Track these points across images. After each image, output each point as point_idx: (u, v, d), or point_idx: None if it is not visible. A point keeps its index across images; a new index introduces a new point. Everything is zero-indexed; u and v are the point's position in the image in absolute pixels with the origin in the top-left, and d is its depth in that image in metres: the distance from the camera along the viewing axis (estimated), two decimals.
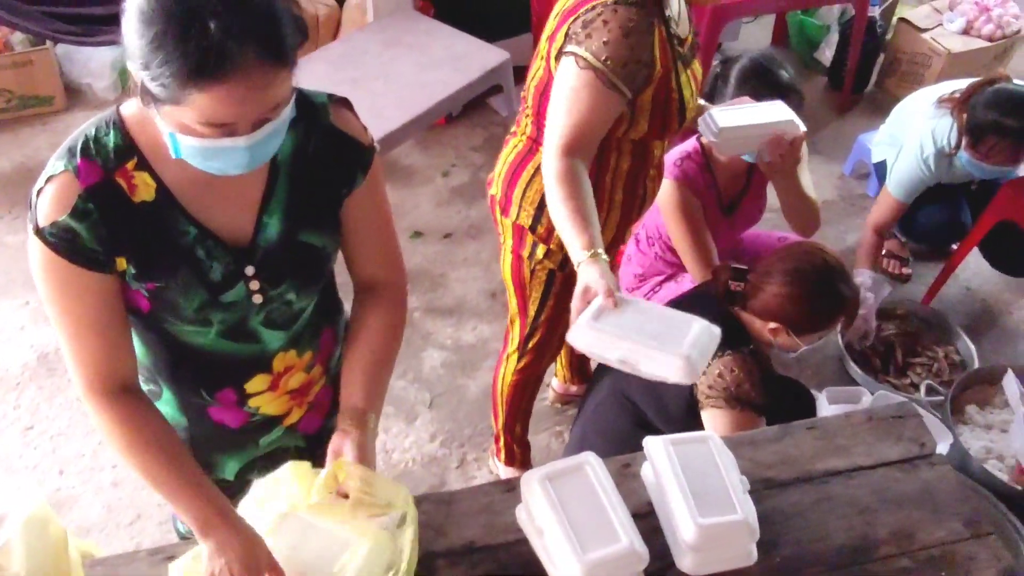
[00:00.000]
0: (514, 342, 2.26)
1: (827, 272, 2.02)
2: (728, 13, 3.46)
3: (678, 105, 1.79)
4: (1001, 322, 3.20)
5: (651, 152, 1.90)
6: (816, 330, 2.04)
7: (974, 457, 2.45)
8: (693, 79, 1.84)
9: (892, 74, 4.09)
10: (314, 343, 1.51)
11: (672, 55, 1.74)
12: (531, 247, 2.01)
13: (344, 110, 1.37)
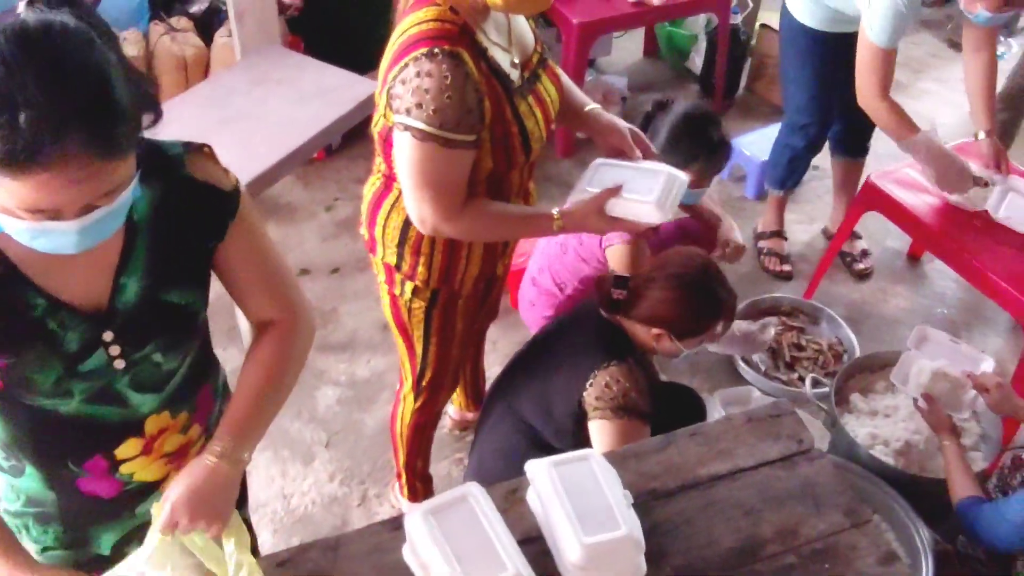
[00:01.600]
0: (408, 382, 2.24)
1: (706, 276, 2.07)
2: (594, 29, 3.52)
3: (520, 137, 1.76)
4: (879, 310, 3.32)
5: (508, 183, 1.87)
6: (697, 334, 2.08)
7: (861, 444, 2.52)
8: (538, 104, 1.81)
9: (760, 78, 4.23)
10: (189, 402, 1.46)
11: (501, 88, 1.71)
12: (401, 285, 2.00)
13: (201, 158, 1.31)
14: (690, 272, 2.05)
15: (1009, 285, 2.57)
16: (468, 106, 1.63)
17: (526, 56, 1.81)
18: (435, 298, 2.00)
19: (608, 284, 2.10)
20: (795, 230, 3.58)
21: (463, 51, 1.63)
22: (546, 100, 1.84)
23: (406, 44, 1.65)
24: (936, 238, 2.81)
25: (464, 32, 1.66)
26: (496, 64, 1.71)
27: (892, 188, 2.87)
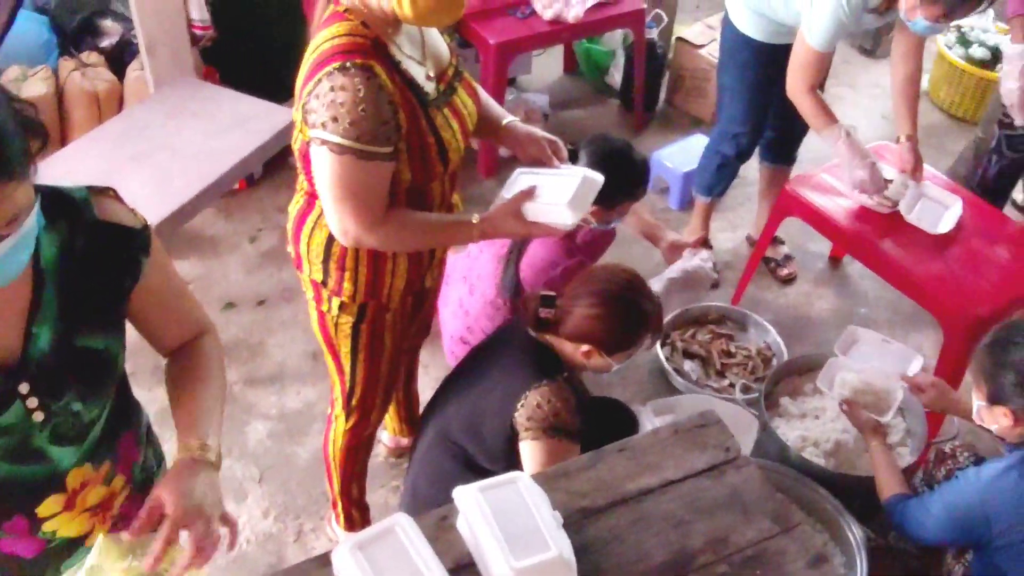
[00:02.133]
0: (338, 403, 2.22)
1: (631, 290, 2.08)
2: (512, 49, 3.54)
3: (437, 148, 1.78)
4: (804, 313, 3.38)
5: (430, 195, 1.89)
6: (626, 348, 2.09)
7: (792, 447, 2.56)
8: (455, 116, 1.83)
9: (679, 90, 4.29)
10: (112, 452, 1.41)
11: (416, 100, 1.74)
12: (328, 301, 2.00)
13: (108, 200, 1.29)
14: (615, 287, 2.06)
15: (923, 283, 2.64)
16: (383, 118, 1.66)
17: (441, 69, 1.84)
18: (362, 313, 2.01)
19: (535, 303, 2.10)
20: (720, 238, 3.63)
21: (376, 64, 1.65)
22: (463, 112, 1.87)
23: (319, 60, 1.66)
24: (853, 241, 2.87)
25: (376, 46, 1.68)
26: (410, 77, 1.74)
27: (809, 194, 2.93)
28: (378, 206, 1.75)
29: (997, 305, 2.58)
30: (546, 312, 2.08)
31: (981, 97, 4.28)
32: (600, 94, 4.40)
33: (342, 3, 1.71)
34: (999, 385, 1.87)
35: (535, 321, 2.10)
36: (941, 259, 2.71)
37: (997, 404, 1.88)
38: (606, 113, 4.28)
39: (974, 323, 2.54)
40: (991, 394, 1.89)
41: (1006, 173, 3.18)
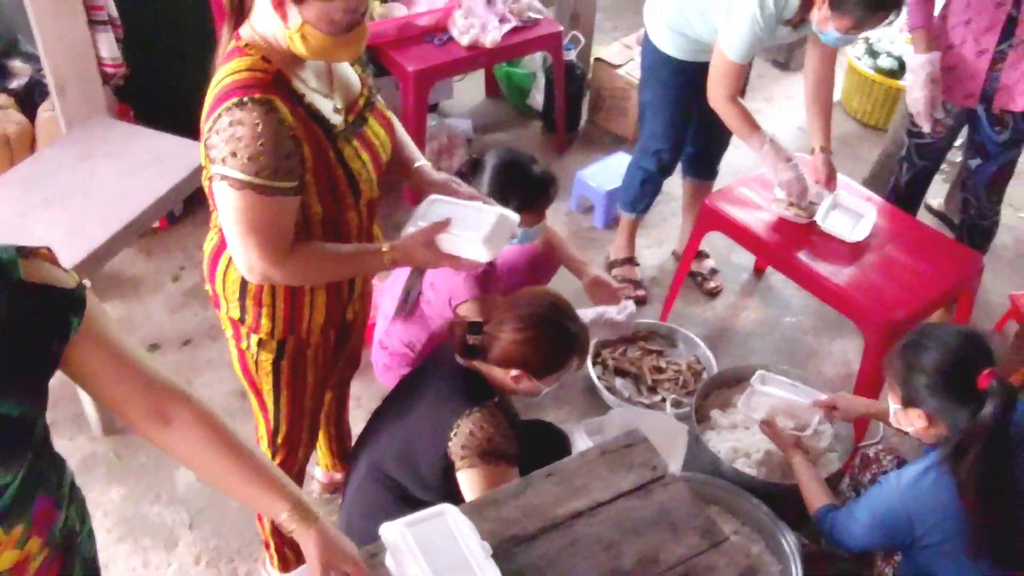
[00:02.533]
0: (264, 440, 2.18)
1: (556, 313, 2.10)
2: (431, 76, 3.54)
3: (347, 180, 1.77)
4: (732, 325, 3.43)
5: (346, 226, 1.87)
6: (554, 371, 2.10)
7: (724, 459, 2.59)
8: (365, 148, 1.83)
9: (600, 109, 4.34)
10: (25, 516, 1.35)
11: (322, 133, 1.73)
12: (247, 338, 1.97)
13: (38, 260, 1.23)
14: (540, 311, 2.08)
15: (841, 290, 2.70)
16: (283, 152, 1.64)
17: (351, 100, 1.83)
18: (282, 349, 1.98)
19: (462, 330, 2.11)
20: (645, 255, 3.67)
21: (275, 99, 1.64)
22: (374, 143, 1.86)
23: (219, 95, 1.65)
24: (772, 253, 2.93)
25: (278, 80, 1.67)
26: (315, 110, 1.73)
27: (728, 208, 2.98)
28: (283, 241, 1.73)
29: (913, 309, 2.65)
30: (473, 339, 2.08)
31: (891, 106, 4.41)
32: (523, 116, 4.43)
33: (243, 38, 1.70)
34: (912, 388, 1.92)
35: (463, 348, 2.10)
36: (858, 266, 2.78)
37: (911, 407, 1.93)
38: (529, 135, 4.31)
39: (892, 327, 2.60)
40: (905, 397, 1.94)
41: (917, 180, 3.27)
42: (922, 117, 2.98)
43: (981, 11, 2.81)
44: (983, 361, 1.85)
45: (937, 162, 3.24)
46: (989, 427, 1.79)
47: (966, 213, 3.26)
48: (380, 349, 2.71)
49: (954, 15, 2.89)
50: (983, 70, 2.89)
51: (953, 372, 1.86)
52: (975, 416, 1.82)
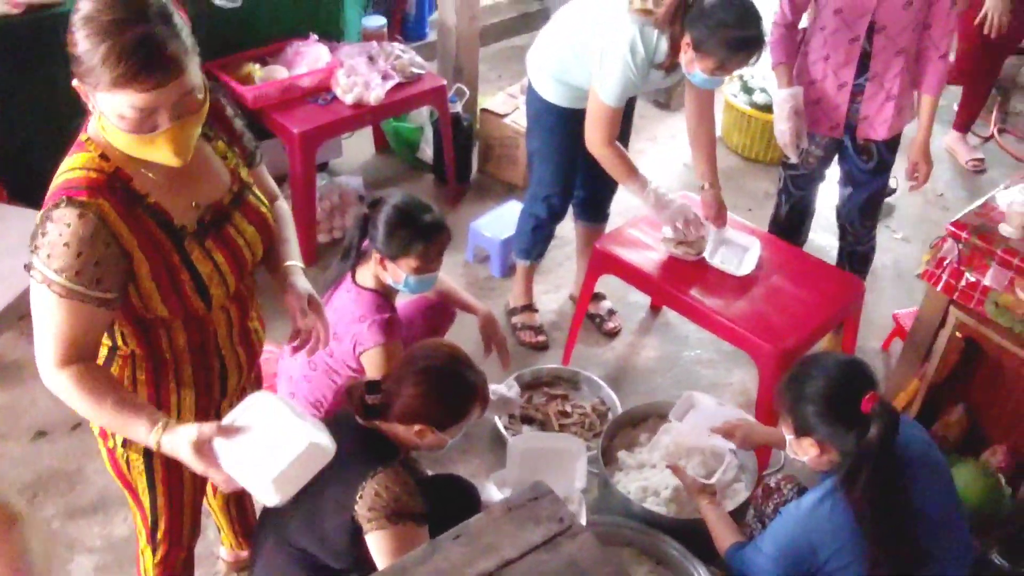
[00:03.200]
0: (143, 536, 2.07)
1: (454, 364, 2.11)
2: (317, 136, 3.52)
3: (193, 284, 1.67)
4: (633, 364, 3.47)
5: (211, 323, 1.78)
6: (457, 421, 2.10)
7: (633, 500, 2.61)
8: (220, 248, 1.72)
9: (489, 159, 4.39)
10: None
11: (166, 235, 1.64)
12: (113, 437, 1.87)
13: None
14: (438, 363, 2.08)
15: (733, 324, 2.77)
16: (93, 260, 1.55)
17: (214, 196, 1.73)
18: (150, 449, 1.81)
19: (360, 391, 2.09)
20: (544, 300, 3.70)
21: (104, 202, 1.55)
22: (236, 241, 1.76)
23: (51, 192, 1.58)
24: (664, 291, 2.99)
25: (114, 180, 1.58)
26: (160, 210, 1.63)
27: (619, 250, 3.03)
28: (69, 348, 1.60)
29: (802, 337, 2.74)
30: (372, 398, 2.07)
31: (770, 139, 4.58)
32: (414, 169, 4.43)
33: (87, 131, 1.62)
34: (801, 417, 1.98)
35: (362, 408, 2.07)
36: (747, 299, 2.86)
37: (803, 436, 1.99)
38: (421, 188, 4.32)
39: (783, 356, 2.68)
40: (796, 427, 2.00)
41: (796, 211, 3.39)
42: (788, 149, 3.10)
43: (837, 47, 2.95)
44: (865, 385, 1.92)
45: (813, 192, 3.37)
46: (875, 449, 1.86)
47: (844, 240, 3.40)
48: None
49: (813, 51, 3.03)
50: (844, 103, 3.03)
51: (837, 398, 1.93)
52: (860, 439, 1.88)
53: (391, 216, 2.44)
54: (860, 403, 1.89)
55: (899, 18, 2.85)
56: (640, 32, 2.71)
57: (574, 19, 2.96)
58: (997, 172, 4.71)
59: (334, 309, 2.50)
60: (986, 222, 2.72)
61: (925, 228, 4.28)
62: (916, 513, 1.93)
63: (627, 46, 2.71)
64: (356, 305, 2.47)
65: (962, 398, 2.95)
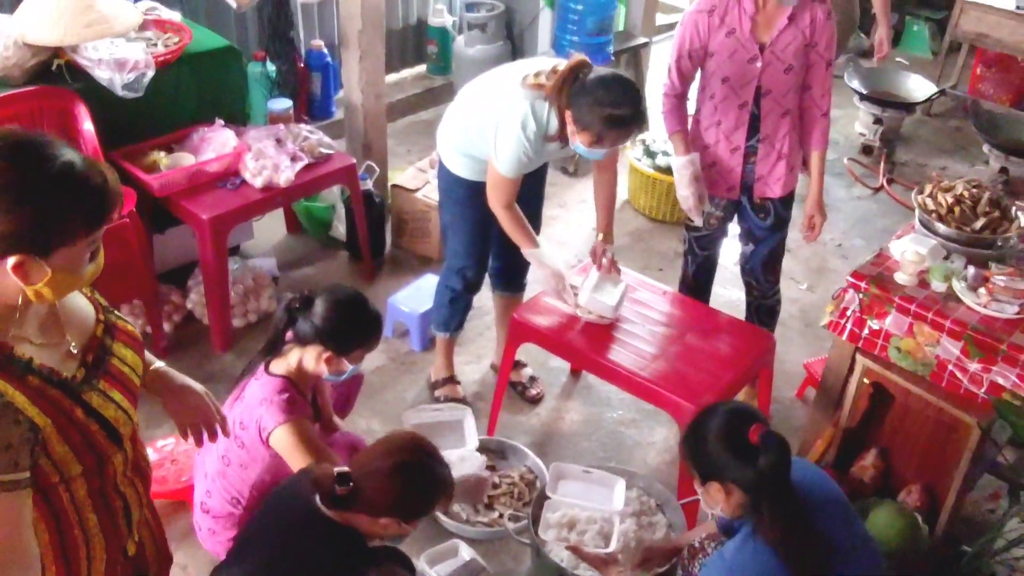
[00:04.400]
0: None
1: (423, 457, 2.14)
2: (227, 221, 3.50)
3: (104, 433, 1.58)
4: (558, 429, 3.50)
5: (109, 466, 1.65)
6: (423, 514, 2.14)
7: (567, 567, 2.61)
8: (113, 385, 1.63)
9: (403, 233, 4.41)
10: None
11: (61, 394, 1.52)
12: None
13: None
14: (408, 457, 2.12)
15: (650, 384, 2.83)
16: (8, 442, 1.42)
17: (87, 334, 1.64)
18: None
19: (330, 481, 2.08)
20: (466, 371, 3.71)
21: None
22: (123, 372, 1.68)
23: None
24: (582, 356, 3.04)
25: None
26: (47, 371, 1.52)
27: (535, 319, 3.08)
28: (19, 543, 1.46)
29: (717, 393, 2.80)
30: (342, 489, 2.07)
31: (674, 201, 4.71)
32: (327, 248, 4.43)
33: None
34: (702, 463, 2.07)
35: (331, 499, 2.07)
36: (662, 359, 2.92)
37: (708, 482, 2.05)
38: (336, 266, 4.31)
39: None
40: (701, 475, 2.07)
41: (702, 271, 3.50)
42: (693, 213, 3.21)
43: (727, 113, 3.09)
44: (752, 419, 2.02)
45: (716, 251, 3.49)
46: (769, 476, 1.94)
47: (751, 295, 3.51)
48: (202, 513, 2.58)
49: (705, 118, 3.17)
50: (739, 165, 3.16)
51: (728, 435, 2.02)
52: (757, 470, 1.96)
53: (339, 313, 2.43)
54: (748, 436, 1.97)
55: (781, 81, 3.00)
56: (532, 106, 2.80)
57: (476, 94, 3.04)
58: (889, 220, 4.94)
59: (244, 400, 2.48)
60: (883, 271, 2.85)
61: (828, 278, 4.45)
62: (828, 544, 2.00)
63: (519, 121, 2.80)
64: (261, 390, 2.45)
65: (875, 442, 3.05)
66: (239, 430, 2.43)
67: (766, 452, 1.96)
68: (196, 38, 3.68)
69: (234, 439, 2.43)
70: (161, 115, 3.61)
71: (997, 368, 2.60)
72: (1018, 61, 5.95)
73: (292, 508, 2.15)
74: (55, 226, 1.42)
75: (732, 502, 2.04)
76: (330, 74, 5.04)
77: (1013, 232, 2.92)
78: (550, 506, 2.72)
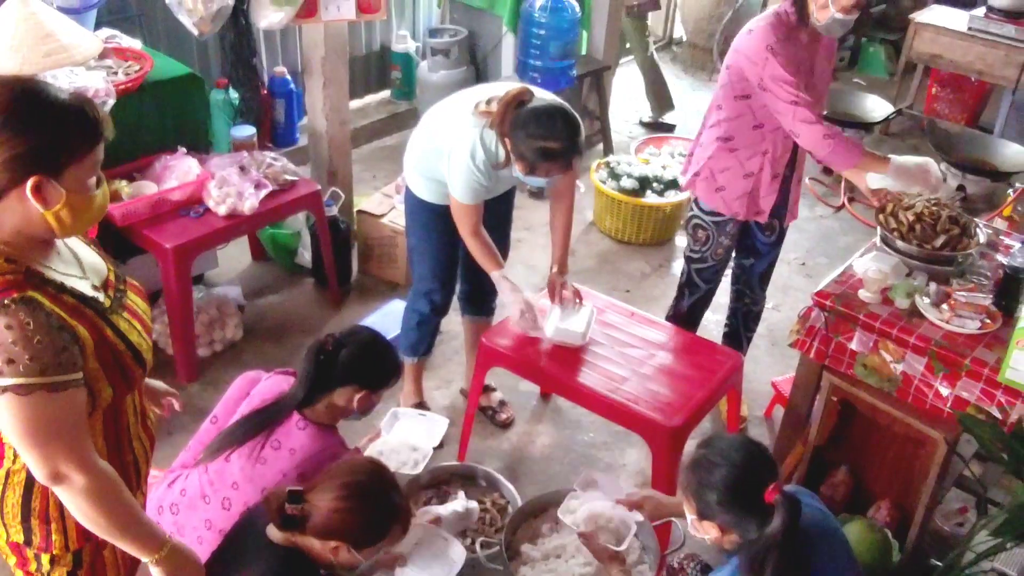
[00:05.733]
0: None
1: (379, 482, 2.10)
2: (191, 250, 3.46)
3: (130, 354, 1.74)
4: (529, 453, 3.49)
5: (124, 413, 1.83)
6: (375, 543, 2.08)
7: None
8: (134, 318, 1.81)
9: (370, 259, 4.39)
10: None
11: (94, 313, 1.69)
12: (36, 560, 1.83)
13: None
14: (363, 479, 2.08)
15: (621, 406, 2.83)
16: (62, 344, 1.59)
17: (102, 279, 1.81)
18: (78, 560, 1.86)
19: (281, 500, 2.03)
20: (435, 396, 3.69)
21: (35, 294, 1.59)
22: (139, 312, 1.85)
23: None
24: (552, 380, 3.04)
25: (30, 276, 1.62)
26: (79, 293, 1.69)
27: (504, 343, 3.07)
28: (85, 439, 1.66)
29: (688, 413, 2.81)
30: (293, 508, 2.02)
31: (639, 222, 4.76)
32: (293, 275, 4.39)
33: None
34: (704, 503, 1.99)
35: (282, 519, 2.02)
36: (632, 381, 2.92)
37: (705, 519, 2.01)
38: (302, 293, 4.28)
39: (672, 433, 2.74)
40: (699, 511, 2.02)
41: (699, 303, 3.51)
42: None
43: (777, 142, 3.10)
44: (768, 475, 1.95)
45: (717, 284, 3.50)
46: (779, 539, 1.88)
47: (740, 303, 3.58)
48: None
49: (747, 147, 3.13)
50: (776, 192, 3.20)
51: (740, 488, 1.94)
52: (763, 526, 1.91)
53: (371, 352, 2.46)
54: (763, 493, 1.92)
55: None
56: (481, 135, 2.83)
57: (435, 118, 3.06)
58: (852, 238, 5.01)
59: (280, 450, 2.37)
60: (847, 290, 2.88)
61: (792, 296, 4.49)
62: None
63: (468, 149, 2.83)
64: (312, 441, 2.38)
65: (844, 458, 3.07)
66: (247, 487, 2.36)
67: (779, 513, 1.90)
68: (157, 66, 3.65)
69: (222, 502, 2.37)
70: (123, 144, 3.54)
71: (961, 383, 2.64)
72: (971, 81, 6.07)
73: (248, 535, 2.11)
74: (61, 144, 1.57)
75: (726, 540, 2.01)
76: (294, 101, 5.03)
77: (973, 248, 2.96)
78: (574, 496, 2.68)
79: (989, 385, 2.59)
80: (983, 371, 2.59)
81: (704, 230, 3.30)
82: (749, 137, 3.12)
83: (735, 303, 3.60)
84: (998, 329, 2.70)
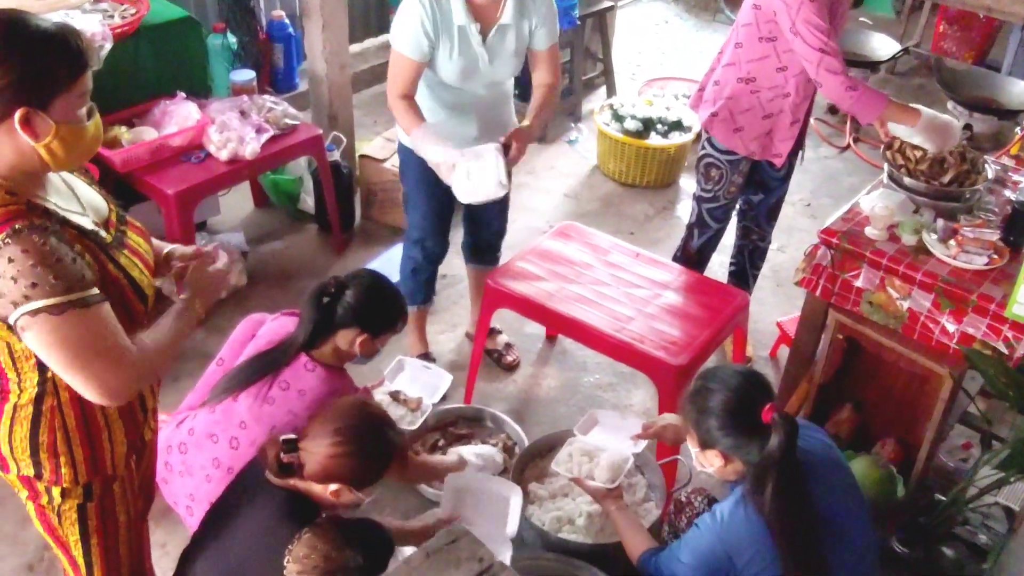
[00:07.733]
0: None
1: (372, 422, 2.10)
2: (193, 196, 3.44)
3: (132, 288, 1.76)
4: (535, 395, 3.50)
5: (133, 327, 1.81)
6: (374, 480, 2.09)
7: (549, 531, 2.61)
8: (135, 255, 1.82)
9: (373, 204, 4.37)
10: None
11: (96, 246, 1.70)
12: (47, 493, 1.86)
13: None
14: (356, 421, 2.08)
15: (626, 345, 2.83)
16: (80, 264, 1.62)
17: (102, 217, 1.81)
18: (89, 493, 1.88)
19: (276, 449, 2.05)
20: (440, 340, 3.69)
21: (39, 221, 1.59)
22: (141, 251, 1.86)
23: None
24: (558, 320, 3.03)
25: (32, 208, 1.61)
26: (79, 225, 1.69)
27: (510, 284, 3.06)
28: (127, 347, 1.67)
29: (694, 352, 2.82)
30: (289, 457, 2.03)
31: (643, 164, 4.72)
32: (296, 221, 4.37)
33: None
34: (705, 431, 2.03)
35: (278, 467, 2.03)
36: (638, 320, 2.92)
37: (708, 448, 2.04)
38: (306, 239, 4.27)
39: (680, 372, 2.75)
40: (701, 440, 2.05)
41: (710, 243, 3.48)
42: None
43: (799, 87, 3.04)
44: (763, 397, 1.99)
45: (727, 223, 3.47)
46: (776, 458, 1.92)
47: (747, 239, 3.56)
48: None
49: (770, 89, 3.06)
50: (794, 136, 3.16)
51: (738, 411, 1.98)
52: (763, 449, 1.94)
53: (374, 296, 2.42)
54: (760, 414, 1.95)
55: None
56: None
57: None
58: (856, 179, 4.98)
59: (289, 391, 2.37)
60: (853, 227, 2.87)
61: (797, 237, 4.47)
62: (822, 515, 1.99)
63: None
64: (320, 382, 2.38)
65: (850, 396, 3.09)
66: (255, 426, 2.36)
67: (776, 433, 1.93)
68: (154, 9, 3.59)
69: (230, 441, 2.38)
70: (121, 89, 3.53)
71: (968, 318, 2.64)
72: (979, 18, 5.98)
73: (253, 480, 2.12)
74: (45, 73, 1.55)
75: (730, 469, 2.04)
76: (292, 45, 4.95)
77: (981, 184, 2.94)
78: (571, 442, 2.70)
79: (996, 320, 2.59)
80: (990, 307, 2.58)
81: (718, 168, 3.25)
82: (772, 79, 3.06)
83: (742, 240, 3.58)
84: (1005, 264, 2.69)
